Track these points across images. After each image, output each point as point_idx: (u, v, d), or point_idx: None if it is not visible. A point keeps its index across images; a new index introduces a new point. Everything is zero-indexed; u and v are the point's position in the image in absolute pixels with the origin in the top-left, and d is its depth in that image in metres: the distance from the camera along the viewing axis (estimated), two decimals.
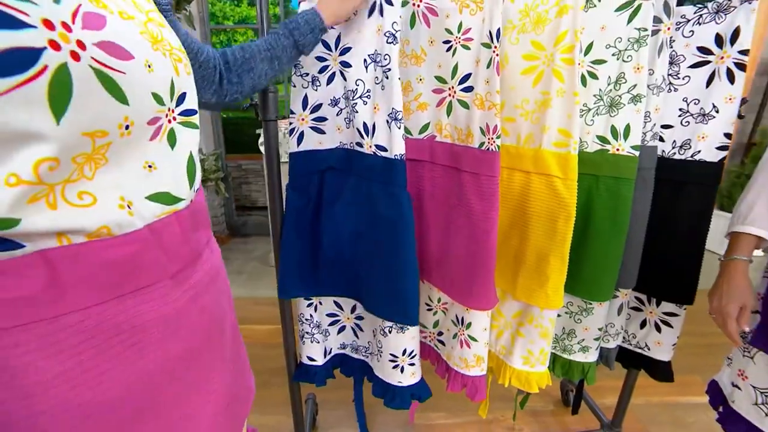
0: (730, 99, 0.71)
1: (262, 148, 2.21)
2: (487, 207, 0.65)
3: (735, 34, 0.68)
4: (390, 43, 0.62)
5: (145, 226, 0.32)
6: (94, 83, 0.27)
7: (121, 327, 0.31)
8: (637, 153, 0.68)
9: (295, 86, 0.70)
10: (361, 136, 0.66)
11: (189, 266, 0.37)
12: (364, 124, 0.65)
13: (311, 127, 0.70)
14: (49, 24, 0.24)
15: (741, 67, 0.68)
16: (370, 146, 0.65)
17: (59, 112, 0.25)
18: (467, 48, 0.63)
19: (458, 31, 0.64)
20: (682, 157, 0.77)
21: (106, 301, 0.30)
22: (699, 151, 0.74)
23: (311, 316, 0.82)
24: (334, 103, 0.68)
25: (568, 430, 1.18)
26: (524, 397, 0.97)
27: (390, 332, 0.74)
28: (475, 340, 0.76)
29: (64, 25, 0.25)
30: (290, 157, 0.72)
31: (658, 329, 0.86)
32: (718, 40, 0.70)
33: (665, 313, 0.84)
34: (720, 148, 0.73)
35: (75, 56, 0.25)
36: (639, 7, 0.63)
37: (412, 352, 0.76)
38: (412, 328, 0.74)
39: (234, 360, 0.46)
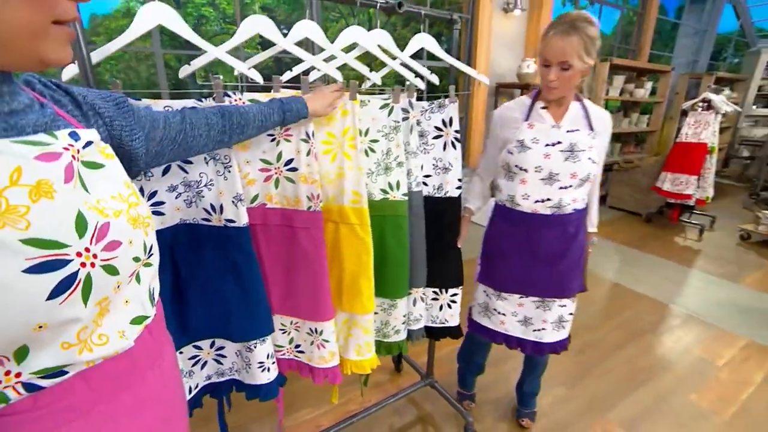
0: (455, 158, 1.14)
1: None
2: (319, 250, 0.91)
3: (451, 121, 1.10)
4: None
5: (134, 340, 0.46)
6: (101, 273, 0.40)
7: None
8: (406, 198, 1.04)
9: None
10: (209, 213, 0.82)
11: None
12: (212, 205, 0.81)
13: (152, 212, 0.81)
14: (79, 254, 0.37)
15: (457, 140, 1.12)
16: (220, 220, 0.82)
17: (86, 300, 0.39)
18: (288, 141, 0.86)
19: (281, 129, 0.86)
20: (440, 195, 1.18)
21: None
22: (447, 191, 1.17)
23: None
24: (172, 188, 0.81)
25: (402, 388, 1.57)
26: (365, 377, 1.28)
27: (256, 347, 0.94)
28: (328, 341, 1.01)
29: (87, 249, 0.38)
30: None
31: (450, 307, 1.28)
32: (444, 123, 1.12)
33: (451, 296, 1.27)
34: (457, 188, 1.16)
35: (93, 265, 0.39)
36: (392, 108, 0.97)
37: (272, 354, 0.98)
38: (269, 337, 0.96)
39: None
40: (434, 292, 1.24)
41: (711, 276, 2.82)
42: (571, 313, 1.26)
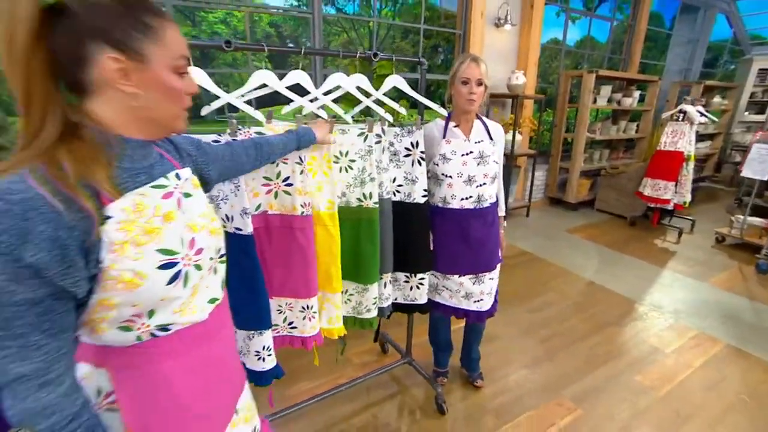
0: (421, 173, 1.41)
1: None
2: (311, 243, 1.18)
3: (417, 143, 1.37)
4: None
5: (208, 314, 0.66)
6: (193, 269, 0.60)
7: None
8: (377, 206, 1.31)
9: None
10: (224, 222, 1.09)
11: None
12: (226, 215, 1.08)
13: None
14: (182, 258, 0.58)
15: (422, 159, 1.39)
16: (231, 228, 1.09)
17: (185, 286, 0.59)
18: (286, 164, 1.13)
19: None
20: (410, 201, 1.45)
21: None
22: (415, 199, 1.43)
23: None
24: None
25: (385, 365, 1.84)
26: (342, 347, 1.54)
27: (253, 337, 1.19)
28: (316, 312, 1.28)
29: (186, 255, 0.59)
30: None
31: (419, 288, 1.54)
32: (412, 145, 1.39)
33: (419, 279, 1.53)
34: (423, 196, 1.43)
35: (187, 264, 0.59)
36: (367, 135, 1.25)
37: (269, 347, 1.22)
38: (267, 331, 1.20)
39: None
40: (405, 276, 1.51)
41: (680, 275, 3.04)
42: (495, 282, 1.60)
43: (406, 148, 1.39)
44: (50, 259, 0.46)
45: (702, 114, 3.52)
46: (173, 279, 0.57)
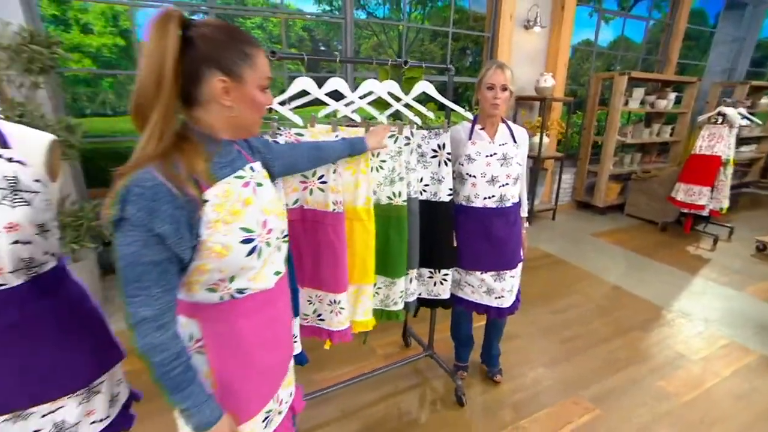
0: (447, 174, 1.48)
1: None
2: (341, 240, 1.27)
3: (444, 145, 1.45)
4: None
5: (273, 283, 0.79)
6: (265, 246, 0.73)
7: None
8: (405, 203, 1.40)
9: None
10: None
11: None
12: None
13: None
14: (258, 236, 0.71)
15: (449, 160, 1.46)
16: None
17: (259, 258, 0.72)
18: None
19: None
20: (436, 200, 1.53)
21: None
22: (440, 197, 1.51)
23: None
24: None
25: (407, 356, 1.93)
26: (365, 335, 1.62)
27: None
28: (343, 308, 1.38)
29: (260, 234, 0.72)
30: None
31: (442, 284, 1.62)
32: (439, 147, 1.46)
33: (443, 275, 1.60)
34: (449, 195, 1.50)
35: (261, 241, 0.72)
36: (397, 137, 1.34)
37: (295, 334, 1.31)
38: (295, 319, 1.29)
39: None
40: (430, 271, 1.59)
41: (713, 283, 2.95)
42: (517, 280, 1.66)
43: (433, 150, 1.47)
44: (170, 230, 0.60)
45: (744, 116, 3.39)
46: (251, 252, 0.71)
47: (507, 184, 1.50)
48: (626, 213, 4.51)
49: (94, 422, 1.00)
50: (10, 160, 0.82)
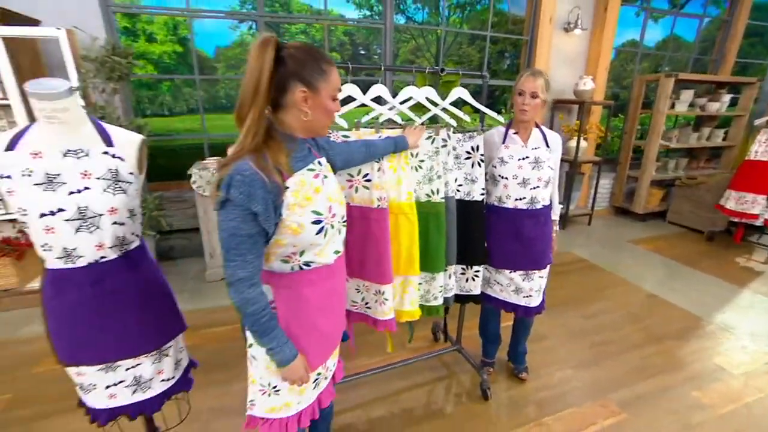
0: (480, 174, 1.55)
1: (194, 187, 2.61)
2: (385, 235, 1.37)
3: (477, 147, 1.53)
4: None
5: (333, 261, 0.95)
6: (329, 227, 0.89)
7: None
8: (443, 200, 1.48)
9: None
10: None
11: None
12: None
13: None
14: (325, 218, 0.88)
15: (482, 162, 1.53)
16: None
17: (324, 237, 0.89)
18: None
19: None
20: (469, 199, 1.60)
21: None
22: (473, 197, 1.59)
23: None
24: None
25: (434, 350, 2.01)
26: (411, 335, 1.74)
27: None
28: (387, 299, 1.45)
29: (326, 217, 0.88)
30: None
31: (474, 280, 1.69)
32: (472, 149, 1.54)
33: (475, 272, 1.68)
34: (481, 195, 1.57)
35: (327, 223, 0.89)
36: (434, 139, 1.43)
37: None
38: None
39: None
40: (462, 268, 1.67)
41: (763, 297, 2.80)
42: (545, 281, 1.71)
43: (467, 152, 1.55)
44: (262, 210, 0.76)
45: None
46: (319, 231, 0.86)
47: (538, 186, 1.55)
48: (668, 220, 4.32)
49: (163, 380, 1.18)
50: (113, 156, 1.00)
